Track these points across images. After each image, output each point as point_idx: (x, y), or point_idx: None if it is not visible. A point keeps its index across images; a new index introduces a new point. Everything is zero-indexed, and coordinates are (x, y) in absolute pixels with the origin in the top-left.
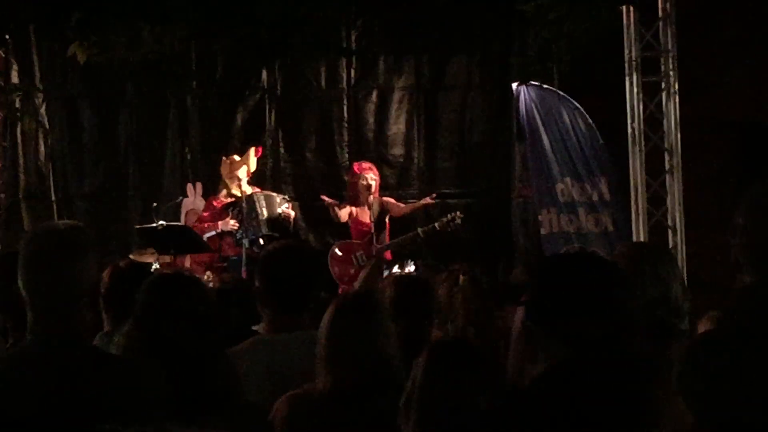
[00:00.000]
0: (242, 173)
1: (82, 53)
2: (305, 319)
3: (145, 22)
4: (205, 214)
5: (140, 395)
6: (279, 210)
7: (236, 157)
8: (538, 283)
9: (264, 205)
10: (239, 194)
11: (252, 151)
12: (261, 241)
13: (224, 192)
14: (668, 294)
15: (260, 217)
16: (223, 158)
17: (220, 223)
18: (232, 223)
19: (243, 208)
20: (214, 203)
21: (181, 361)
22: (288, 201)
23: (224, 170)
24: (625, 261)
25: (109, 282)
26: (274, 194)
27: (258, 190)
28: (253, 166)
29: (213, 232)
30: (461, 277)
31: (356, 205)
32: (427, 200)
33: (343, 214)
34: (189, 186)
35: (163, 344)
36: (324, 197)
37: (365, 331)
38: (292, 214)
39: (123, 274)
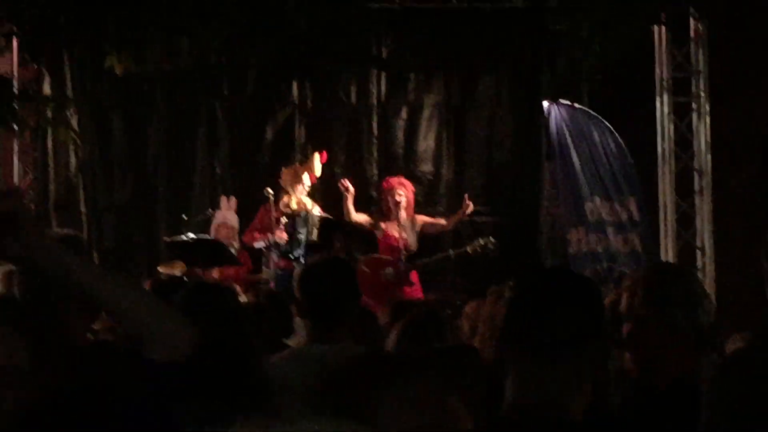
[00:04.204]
0: (307, 179)
1: (119, 65)
2: (343, 332)
3: (182, 34)
4: (258, 222)
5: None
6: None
7: (299, 165)
8: (509, 299)
9: (318, 228)
10: (296, 207)
11: (316, 156)
12: (302, 260)
13: (284, 202)
14: (695, 315)
15: (310, 237)
16: (283, 168)
17: (269, 234)
18: (284, 237)
19: (297, 222)
20: (271, 213)
21: (213, 367)
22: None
23: (287, 179)
24: (650, 282)
25: None
26: (333, 221)
27: (319, 207)
28: (317, 172)
29: (263, 243)
30: (507, 293)
31: (387, 221)
32: (467, 207)
33: (357, 216)
34: (223, 199)
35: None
36: (344, 182)
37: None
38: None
39: (163, 286)
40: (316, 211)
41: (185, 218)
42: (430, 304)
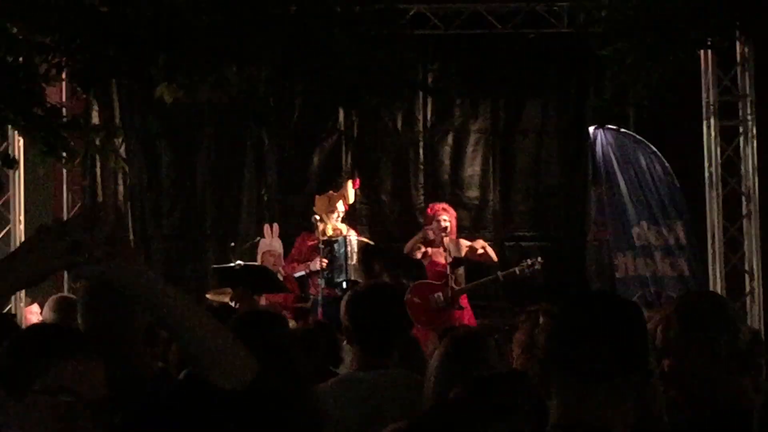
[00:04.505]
0: (341, 206)
1: (169, 95)
2: (393, 358)
3: (231, 64)
4: (296, 252)
5: None
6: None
7: (333, 192)
8: (555, 322)
9: (357, 251)
10: (332, 233)
11: (349, 183)
12: (344, 285)
13: (320, 230)
14: (734, 338)
15: (351, 262)
16: (317, 196)
17: (310, 263)
18: (321, 263)
19: (335, 248)
20: (308, 241)
21: (263, 395)
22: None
23: (321, 206)
24: (684, 312)
25: None
26: (371, 243)
27: (355, 231)
28: (351, 198)
29: (303, 273)
30: (542, 317)
31: (432, 246)
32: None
33: (414, 250)
34: (266, 227)
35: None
36: (429, 230)
37: (476, 369)
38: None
39: (214, 313)
40: (353, 236)
41: (233, 245)
42: (476, 328)
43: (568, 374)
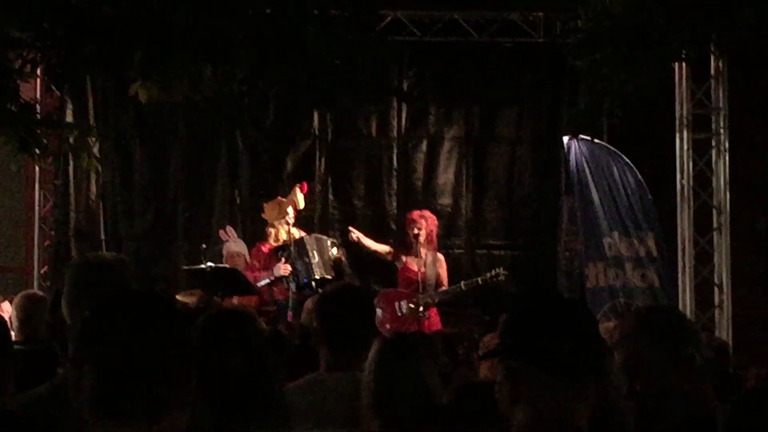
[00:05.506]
0: (291, 211)
1: (144, 93)
2: (361, 360)
3: (206, 62)
4: (255, 261)
5: None
6: (331, 252)
7: (281, 198)
8: (509, 323)
9: (315, 248)
10: (287, 238)
11: (297, 188)
12: (313, 284)
13: (273, 236)
14: (700, 353)
15: (312, 260)
16: (265, 204)
17: (273, 269)
18: (284, 268)
19: (292, 252)
20: (263, 249)
21: (231, 393)
22: (336, 245)
23: (271, 213)
24: (655, 330)
25: None
26: (324, 237)
27: (304, 233)
28: (301, 204)
29: (267, 280)
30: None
31: (407, 254)
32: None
33: (377, 246)
34: (221, 231)
35: (216, 375)
36: (351, 230)
37: (411, 372)
38: (343, 258)
39: (191, 315)
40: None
41: (204, 247)
42: (406, 333)
43: (539, 371)
